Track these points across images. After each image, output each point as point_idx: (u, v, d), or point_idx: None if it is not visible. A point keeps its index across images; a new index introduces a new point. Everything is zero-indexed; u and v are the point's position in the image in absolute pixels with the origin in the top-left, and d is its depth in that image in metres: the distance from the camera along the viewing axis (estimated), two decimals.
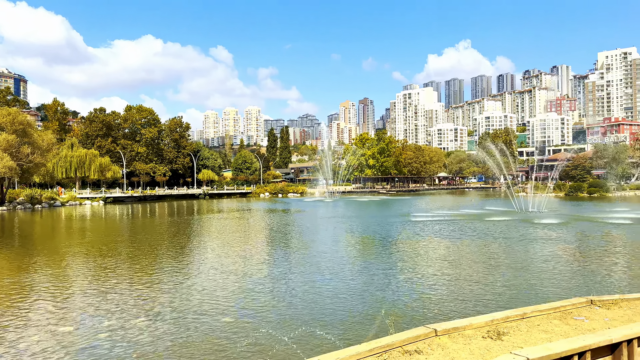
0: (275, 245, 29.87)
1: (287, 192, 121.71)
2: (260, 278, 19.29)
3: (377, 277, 18.73)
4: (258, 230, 38.91)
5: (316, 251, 26.55)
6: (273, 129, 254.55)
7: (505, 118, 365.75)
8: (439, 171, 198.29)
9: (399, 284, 17.44)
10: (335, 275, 19.36)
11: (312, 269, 21.02)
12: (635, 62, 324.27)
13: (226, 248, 28.84)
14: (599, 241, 28.69)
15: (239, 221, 47.74)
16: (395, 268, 20.75)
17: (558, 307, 7.49)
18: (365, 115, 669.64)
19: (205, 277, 19.66)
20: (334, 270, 20.59)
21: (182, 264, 23.52)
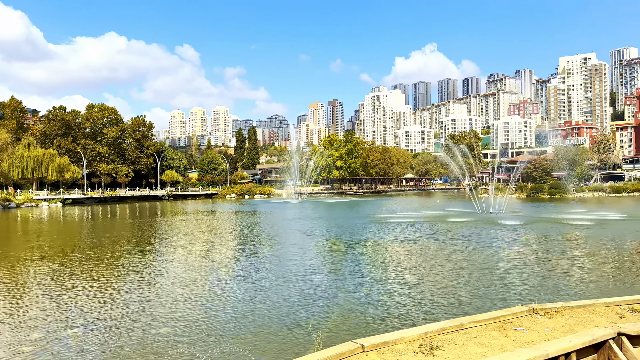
0: (231, 250, 29.00)
1: (254, 194, 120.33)
2: (206, 285, 18.49)
3: (326, 284, 18.18)
4: (216, 234, 37.90)
5: (272, 255, 25.85)
6: (241, 130, 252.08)
7: (471, 121, 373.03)
8: (406, 172, 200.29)
9: (345, 292, 16.90)
10: (284, 282, 18.73)
11: (263, 274, 20.35)
12: (595, 68, 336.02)
13: (179, 253, 27.83)
14: (554, 243, 29.00)
15: (198, 224, 46.54)
16: (348, 273, 20.25)
17: (498, 317, 7.09)
18: (334, 116, 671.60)
19: (151, 285, 18.73)
20: (285, 276, 19.97)
21: (131, 270, 22.44)
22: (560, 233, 33.57)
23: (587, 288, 16.72)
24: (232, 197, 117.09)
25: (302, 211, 63.26)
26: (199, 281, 19.14)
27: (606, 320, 7.32)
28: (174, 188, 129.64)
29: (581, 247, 27.28)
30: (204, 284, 18.65)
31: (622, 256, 24.09)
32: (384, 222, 43.33)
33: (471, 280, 17.89)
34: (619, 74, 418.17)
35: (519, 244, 27.92)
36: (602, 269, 20.64)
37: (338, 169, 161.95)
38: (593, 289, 16.46)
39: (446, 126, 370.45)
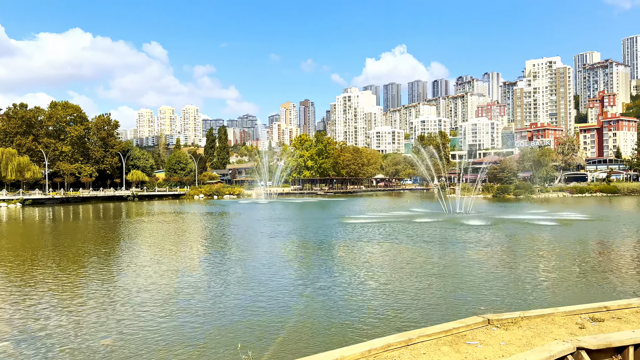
0: (188, 254, 27.94)
1: (223, 194, 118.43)
2: (155, 294, 17.54)
3: (280, 293, 17.49)
4: (176, 237, 36.70)
5: (231, 260, 25.01)
6: (212, 129, 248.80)
7: (440, 122, 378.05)
8: (377, 173, 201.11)
9: (296, 300, 16.24)
10: (237, 290, 17.96)
11: (217, 282, 19.51)
12: (559, 71, 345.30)
13: (131, 257, 26.64)
14: (516, 245, 29.01)
15: (159, 226, 45.09)
16: (304, 280, 19.59)
17: (450, 330, 6.53)
18: (306, 116, 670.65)
19: (98, 291, 17.65)
20: (238, 282, 19.23)
21: (82, 276, 21.21)
22: (522, 234, 33.72)
23: (549, 293, 16.48)
24: (201, 198, 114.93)
25: (269, 212, 62.32)
26: (152, 288, 18.15)
27: (565, 331, 6.86)
28: (139, 188, 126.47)
29: (543, 248, 27.31)
30: (158, 292, 17.69)
31: (584, 258, 24.17)
32: (351, 223, 42.90)
33: (430, 286, 17.42)
34: (583, 77, 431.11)
35: (481, 246, 27.77)
36: (564, 272, 20.55)
37: (309, 169, 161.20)
38: (555, 294, 16.24)
39: (416, 127, 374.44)
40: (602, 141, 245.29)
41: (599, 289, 16.84)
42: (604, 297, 15.00)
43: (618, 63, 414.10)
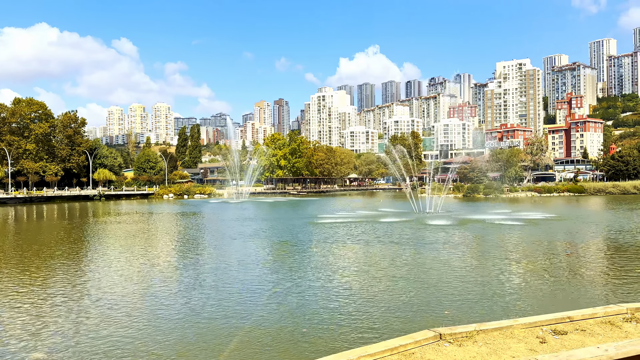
0: (141, 258, 26.71)
1: (193, 194, 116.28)
2: (104, 302, 16.43)
3: (233, 300, 16.64)
4: (134, 239, 35.29)
5: (189, 263, 23.98)
6: (184, 127, 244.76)
7: (413, 122, 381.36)
8: (350, 172, 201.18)
9: (249, 307, 15.42)
10: (190, 295, 16.99)
11: (172, 287, 18.48)
12: (529, 73, 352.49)
13: (81, 261, 25.30)
14: (479, 246, 28.75)
15: (120, 227, 43.51)
16: (260, 284, 18.77)
17: (397, 347, 5.82)
18: (280, 116, 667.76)
19: (43, 299, 16.42)
20: (190, 287, 18.23)
21: (28, 282, 19.85)
22: (486, 234, 33.56)
23: (509, 300, 15.97)
24: (170, 197, 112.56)
25: (238, 212, 61.11)
26: (100, 295, 17.01)
27: (525, 347, 6.23)
28: (106, 188, 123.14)
29: (508, 249, 27.06)
30: (106, 300, 16.57)
31: (548, 260, 23.96)
32: (319, 223, 42.16)
33: (384, 293, 16.56)
34: (551, 79, 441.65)
35: (446, 247, 27.25)
36: (527, 275, 20.20)
37: (282, 168, 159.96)
38: (516, 301, 15.76)
39: (390, 127, 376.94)
40: (570, 142, 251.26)
41: (562, 293, 16.49)
42: (568, 304, 14.61)
43: (585, 66, 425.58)
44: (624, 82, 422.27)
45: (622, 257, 23.54)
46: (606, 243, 28.82)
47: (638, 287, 16.94)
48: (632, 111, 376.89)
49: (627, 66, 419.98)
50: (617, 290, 16.43)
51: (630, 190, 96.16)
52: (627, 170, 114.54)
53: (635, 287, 16.80)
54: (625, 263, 21.90)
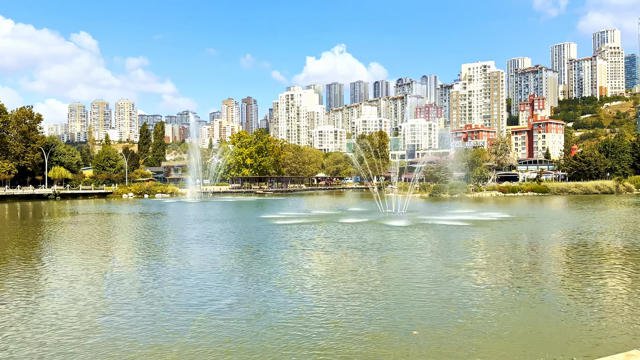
0: (80, 263, 24.40)
1: (154, 192, 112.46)
2: (34, 311, 14.25)
3: (165, 311, 14.76)
4: (76, 242, 32.70)
5: (126, 269, 21.83)
6: (146, 124, 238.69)
7: (381, 122, 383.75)
8: (318, 172, 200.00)
9: (182, 322, 13.58)
10: (115, 306, 15.00)
11: (97, 297, 16.42)
12: (493, 75, 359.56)
13: (13, 266, 22.81)
14: (432, 250, 27.62)
15: (64, 228, 40.62)
16: (199, 294, 16.93)
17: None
18: (248, 114, 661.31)
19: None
20: (118, 298, 16.22)
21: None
22: (452, 237, 32.41)
23: (484, 319, 14.65)
24: (130, 196, 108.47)
25: (198, 212, 58.63)
26: (32, 303, 14.79)
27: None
28: (63, 186, 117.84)
29: (474, 256, 25.88)
30: (36, 309, 14.37)
31: (511, 267, 22.91)
32: (278, 224, 40.27)
33: (342, 311, 14.94)
34: (515, 82, 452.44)
35: (408, 253, 25.67)
36: (492, 286, 19.00)
37: (248, 167, 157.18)
38: (488, 319, 14.44)
39: (358, 127, 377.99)
40: (532, 143, 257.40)
41: (526, 297, 15.25)
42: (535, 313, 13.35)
43: (547, 69, 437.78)
44: (583, 85, 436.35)
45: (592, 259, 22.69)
46: (573, 245, 28.11)
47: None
48: (591, 113, 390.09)
49: (587, 70, 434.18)
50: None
51: (592, 190, 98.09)
52: (589, 170, 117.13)
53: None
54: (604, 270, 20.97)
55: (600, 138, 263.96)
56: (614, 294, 16.00)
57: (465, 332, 12.34)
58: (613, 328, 12.57)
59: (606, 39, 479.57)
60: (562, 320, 13.25)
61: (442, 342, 11.59)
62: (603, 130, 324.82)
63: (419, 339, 11.75)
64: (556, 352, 10.92)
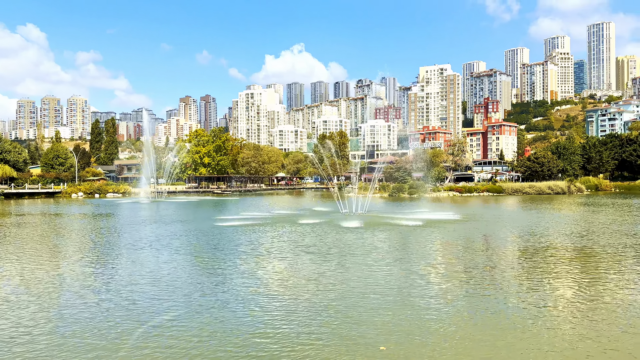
0: (18, 269, 22.34)
1: (105, 192, 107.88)
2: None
3: (82, 327, 13.27)
4: (14, 245, 30.29)
5: (67, 275, 20.03)
6: (98, 121, 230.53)
7: (341, 122, 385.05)
8: (278, 171, 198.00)
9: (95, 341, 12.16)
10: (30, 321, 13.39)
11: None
12: (449, 78, 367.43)
13: None
14: (408, 255, 27.03)
15: (4, 230, 37.77)
16: (126, 307, 15.49)
17: None
18: (207, 112, 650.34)
19: None
20: (52, 308, 14.60)
21: None
22: (401, 237, 31.90)
23: (452, 331, 13.87)
24: (80, 196, 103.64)
25: (148, 213, 56.15)
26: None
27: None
28: (7, 185, 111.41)
29: (418, 259, 25.34)
30: None
31: (468, 271, 22.46)
32: (230, 226, 38.53)
33: (300, 325, 13.92)
34: (470, 85, 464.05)
35: (369, 258, 24.75)
36: (457, 293, 18.38)
37: (205, 166, 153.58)
38: (458, 333, 13.68)
39: (318, 127, 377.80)
40: (487, 144, 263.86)
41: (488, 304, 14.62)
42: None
43: (501, 72, 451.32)
44: (535, 89, 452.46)
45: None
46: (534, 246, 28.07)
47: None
48: (542, 116, 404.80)
49: (539, 74, 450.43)
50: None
51: (545, 191, 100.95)
52: (542, 171, 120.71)
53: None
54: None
55: (551, 140, 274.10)
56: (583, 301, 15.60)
57: (428, 347, 11.50)
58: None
59: (557, 44, 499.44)
60: (520, 331, 12.64)
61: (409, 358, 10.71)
62: (554, 132, 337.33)
63: (387, 356, 10.81)
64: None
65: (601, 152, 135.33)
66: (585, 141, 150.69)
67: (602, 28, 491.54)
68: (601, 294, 16.07)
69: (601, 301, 15.10)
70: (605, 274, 19.28)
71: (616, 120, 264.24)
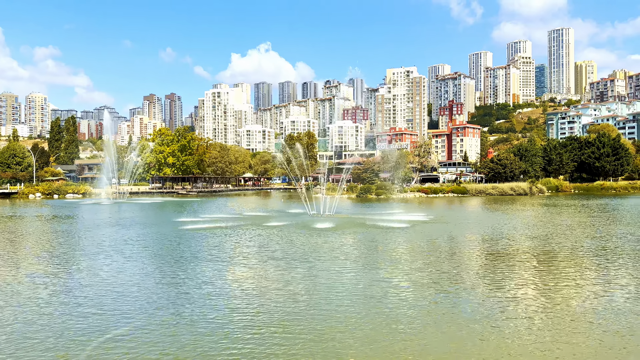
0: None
1: (65, 193, 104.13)
2: None
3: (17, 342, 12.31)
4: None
5: (9, 284, 18.77)
6: (59, 119, 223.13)
7: (309, 123, 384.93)
8: (245, 172, 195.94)
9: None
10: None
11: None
12: (416, 80, 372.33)
13: None
14: (378, 259, 26.70)
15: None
16: (65, 322, 14.55)
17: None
18: (172, 111, 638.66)
19: None
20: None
21: None
22: (369, 240, 31.65)
23: (426, 340, 13.47)
24: (37, 197, 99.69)
25: (109, 215, 54.18)
26: None
27: None
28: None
29: (386, 263, 25.11)
30: None
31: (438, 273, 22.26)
32: (195, 229, 37.16)
33: (263, 338, 13.38)
34: (435, 87, 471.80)
35: (337, 262, 24.48)
36: (429, 299, 18.07)
37: (170, 166, 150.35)
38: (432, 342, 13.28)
39: (286, 127, 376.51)
40: (452, 146, 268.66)
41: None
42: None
43: (465, 76, 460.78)
44: (498, 92, 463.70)
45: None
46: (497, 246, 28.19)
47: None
48: (504, 119, 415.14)
49: (502, 77, 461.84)
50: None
51: (508, 192, 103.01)
52: (505, 172, 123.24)
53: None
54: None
55: (513, 142, 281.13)
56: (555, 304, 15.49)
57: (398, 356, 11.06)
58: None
59: (519, 49, 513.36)
60: (485, 337, 12.38)
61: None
62: (515, 135, 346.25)
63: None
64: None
65: (561, 154, 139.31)
66: (546, 143, 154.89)
67: (562, 33, 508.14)
68: (564, 296, 16.05)
69: (564, 304, 15.05)
70: (568, 277, 19.38)
71: (575, 123, 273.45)
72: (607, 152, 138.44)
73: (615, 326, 13.00)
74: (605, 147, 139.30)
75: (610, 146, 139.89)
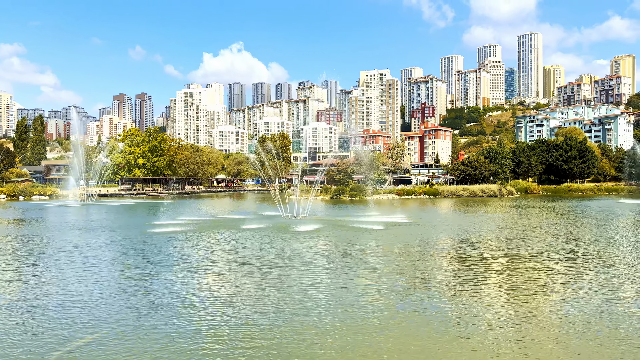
0: None
1: (31, 194, 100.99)
2: None
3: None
4: None
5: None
6: (25, 118, 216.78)
7: (283, 124, 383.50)
8: (218, 173, 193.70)
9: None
10: None
11: None
12: (389, 83, 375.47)
13: None
14: (357, 263, 26.58)
15: None
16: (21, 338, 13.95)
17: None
18: (143, 111, 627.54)
19: None
20: None
21: None
22: (344, 243, 31.58)
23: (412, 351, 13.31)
24: (2, 199, 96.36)
25: (75, 218, 52.62)
26: None
27: None
28: None
29: (361, 267, 25.04)
30: None
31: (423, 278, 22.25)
32: (164, 232, 36.28)
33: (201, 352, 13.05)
34: (408, 90, 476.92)
35: (295, 267, 23.98)
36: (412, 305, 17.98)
37: (140, 167, 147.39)
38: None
39: (260, 128, 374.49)
40: (424, 148, 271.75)
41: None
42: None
43: (437, 79, 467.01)
44: (469, 95, 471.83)
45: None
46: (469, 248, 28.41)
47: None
48: (475, 122, 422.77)
49: (472, 81, 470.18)
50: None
51: (479, 194, 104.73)
52: (476, 174, 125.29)
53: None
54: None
55: (483, 145, 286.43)
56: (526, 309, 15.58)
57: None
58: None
59: (489, 53, 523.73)
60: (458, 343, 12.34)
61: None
62: (486, 137, 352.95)
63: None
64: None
65: (530, 156, 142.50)
66: (515, 146, 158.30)
67: (531, 38, 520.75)
68: (533, 298, 16.20)
69: (533, 304, 15.17)
70: (536, 278, 19.60)
71: (543, 126, 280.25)
72: (574, 154, 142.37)
73: (581, 327, 13.14)
74: (573, 150, 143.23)
75: (577, 149, 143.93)
